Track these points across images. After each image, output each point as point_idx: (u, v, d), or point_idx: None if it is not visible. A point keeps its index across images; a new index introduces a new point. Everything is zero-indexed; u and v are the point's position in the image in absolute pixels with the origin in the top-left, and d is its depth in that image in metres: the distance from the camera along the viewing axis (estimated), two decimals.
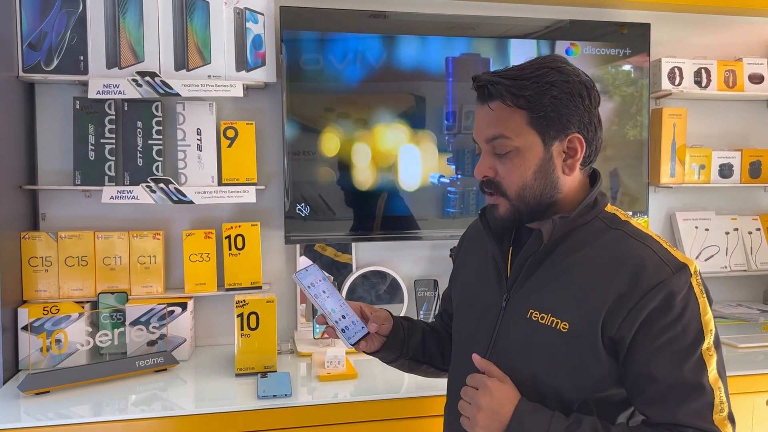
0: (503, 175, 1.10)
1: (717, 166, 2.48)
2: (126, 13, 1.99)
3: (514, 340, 1.13)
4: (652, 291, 1.00)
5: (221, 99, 2.14)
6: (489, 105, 1.09)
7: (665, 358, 1.00)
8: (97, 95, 1.93)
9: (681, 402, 0.99)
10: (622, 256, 1.05)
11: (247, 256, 2.09)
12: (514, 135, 1.08)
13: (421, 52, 2.16)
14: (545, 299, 1.09)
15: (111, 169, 2.02)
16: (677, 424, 1.00)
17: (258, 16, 2.08)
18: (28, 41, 1.93)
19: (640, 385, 1.03)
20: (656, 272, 1.01)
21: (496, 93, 1.08)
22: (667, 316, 1.00)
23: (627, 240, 1.08)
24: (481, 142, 1.12)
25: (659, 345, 1.00)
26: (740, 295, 2.61)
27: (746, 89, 2.44)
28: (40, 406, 1.61)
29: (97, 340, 1.91)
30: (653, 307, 1.00)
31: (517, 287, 1.14)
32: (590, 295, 1.04)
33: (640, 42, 2.34)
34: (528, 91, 1.06)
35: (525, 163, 1.08)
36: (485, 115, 1.10)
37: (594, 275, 1.05)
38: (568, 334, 1.05)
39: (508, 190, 1.10)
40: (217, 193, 2.03)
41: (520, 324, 1.12)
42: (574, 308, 1.06)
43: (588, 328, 1.04)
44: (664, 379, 1.00)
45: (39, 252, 1.97)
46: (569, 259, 1.09)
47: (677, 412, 0.99)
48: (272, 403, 1.63)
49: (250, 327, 1.87)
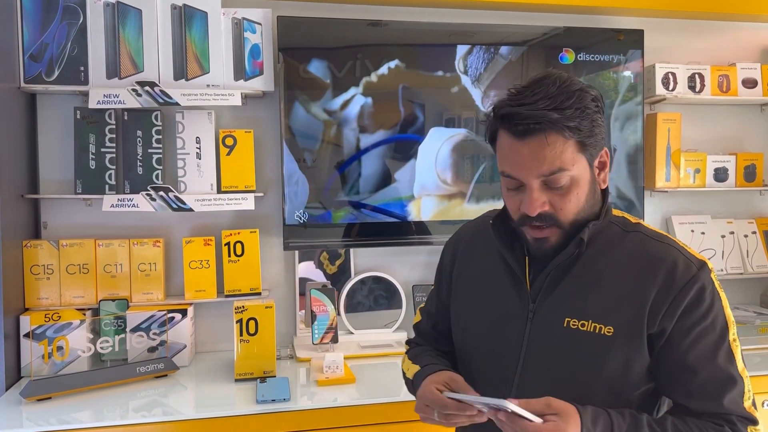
0: (560, 206, 1.08)
1: (712, 170, 2.49)
2: (126, 24, 2.02)
3: (552, 350, 1.12)
4: (686, 286, 1.06)
5: (220, 108, 2.16)
6: (539, 139, 1.04)
7: (701, 350, 1.06)
8: (97, 105, 1.96)
9: (721, 393, 1.05)
10: (653, 257, 1.10)
11: (246, 262, 2.12)
12: (570, 165, 1.06)
13: (419, 59, 2.19)
14: (582, 306, 1.10)
15: (111, 178, 2.04)
16: (720, 413, 1.06)
17: (256, 26, 2.11)
18: (30, 52, 1.96)
19: (679, 378, 1.08)
20: (686, 269, 1.08)
21: (547, 127, 1.03)
22: (700, 309, 1.06)
23: (650, 242, 1.12)
24: (532, 178, 1.06)
25: (694, 337, 1.06)
26: (737, 298, 2.62)
27: (740, 94, 2.46)
28: (42, 412, 1.63)
29: (98, 347, 1.93)
30: (688, 301, 1.06)
31: (544, 296, 1.14)
32: (630, 298, 1.08)
33: (634, 48, 2.36)
34: (576, 119, 1.05)
35: (580, 190, 1.09)
36: (536, 151, 1.04)
37: (629, 278, 1.09)
38: (613, 337, 1.08)
39: (564, 220, 1.09)
40: (217, 200, 2.06)
41: (557, 333, 1.11)
42: (615, 312, 1.08)
43: (633, 329, 1.07)
44: (702, 370, 1.06)
45: (41, 260, 1.99)
46: (598, 264, 1.12)
47: (719, 402, 1.05)
48: (271, 408, 1.65)
49: (249, 333, 1.89)
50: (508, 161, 1.09)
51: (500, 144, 1.11)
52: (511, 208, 1.13)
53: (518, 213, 1.11)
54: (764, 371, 1.91)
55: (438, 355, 1.31)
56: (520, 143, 1.06)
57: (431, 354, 1.31)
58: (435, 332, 1.37)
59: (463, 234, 1.35)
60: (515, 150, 1.06)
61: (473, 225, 1.34)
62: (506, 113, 1.06)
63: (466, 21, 2.28)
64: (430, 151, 2.21)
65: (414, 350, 1.36)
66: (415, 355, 1.33)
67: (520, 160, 1.06)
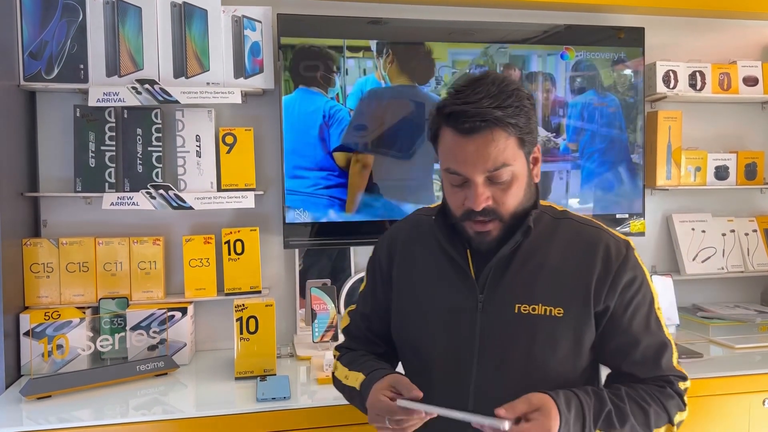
0: (502, 201, 1.14)
1: (713, 168, 2.49)
2: (125, 22, 2.01)
3: (506, 337, 1.16)
4: (621, 265, 1.18)
5: (220, 106, 2.16)
6: (485, 136, 1.09)
7: (638, 322, 1.19)
8: (97, 103, 1.96)
9: (659, 357, 1.20)
10: (589, 241, 1.20)
11: (246, 260, 2.11)
12: (512, 161, 1.12)
13: (420, 59, 2.19)
14: (530, 292, 1.17)
15: (111, 176, 2.04)
16: (659, 376, 1.19)
17: (256, 23, 2.11)
18: (29, 50, 1.96)
19: (624, 349, 1.19)
20: (618, 249, 1.19)
21: (492, 124, 1.08)
22: (635, 284, 1.19)
23: (582, 227, 1.23)
24: (477, 174, 1.11)
25: (633, 310, 1.18)
26: (737, 297, 2.62)
27: (741, 92, 2.46)
28: (42, 411, 1.63)
29: (98, 345, 1.93)
30: (626, 278, 1.18)
31: (491, 287, 1.18)
32: (575, 280, 1.17)
33: (635, 46, 2.36)
34: (516, 116, 1.10)
35: (520, 184, 1.15)
36: (482, 147, 1.09)
37: (571, 262, 1.18)
38: (564, 318, 1.15)
39: (505, 214, 1.15)
40: (217, 198, 2.05)
41: (509, 320, 1.16)
42: (563, 294, 1.16)
43: (581, 308, 1.16)
44: (642, 339, 1.19)
45: (40, 258, 1.99)
46: (539, 252, 1.19)
47: (658, 366, 1.20)
48: (271, 406, 1.65)
49: (250, 331, 1.89)
50: (453, 158, 1.13)
51: (444, 142, 1.15)
52: (454, 204, 1.17)
53: (462, 209, 1.15)
54: (765, 369, 1.91)
55: (376, 359, 1.31)
56: (465, 140, 1.10)
57: (370, 358, 1.31)
58: (370, 334, 1.36)
59: (397, 233, 1.35)
60: (461, 147, 1.11)
61: (406, 224, 1.37)
62: (452, 111, 1.10)
63: (467, 19, 2.28)
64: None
65: (347, 356, 1.35)
66: (350, 361, 1.32)
67: (466, 157, 1.10)
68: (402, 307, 1.29)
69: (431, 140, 1.20)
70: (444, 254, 1.23)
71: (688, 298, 2.55)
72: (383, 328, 1.34)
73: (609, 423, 1.12)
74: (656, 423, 1.16)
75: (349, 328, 1.40)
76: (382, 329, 1.34)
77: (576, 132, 2.31)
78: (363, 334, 1.37)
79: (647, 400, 1.16)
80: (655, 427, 1.16)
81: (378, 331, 1.35)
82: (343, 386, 1.30)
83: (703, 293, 2.58)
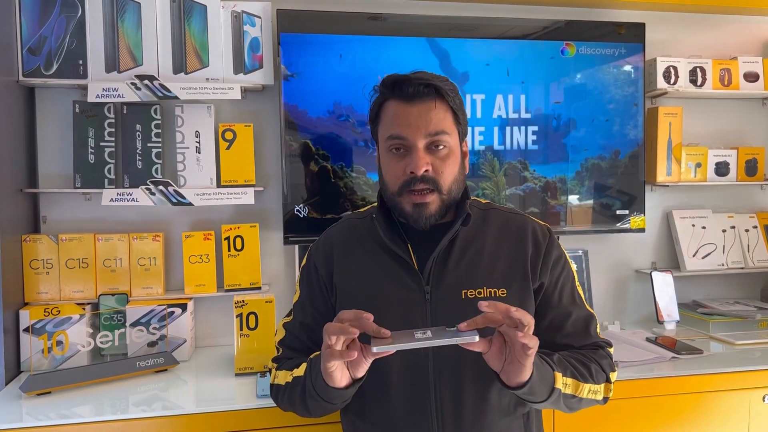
0: (441, 170, 1.21)
1: (713, 164, 2.49)
2: (124, 18, 2.01)
3: (458, 323, 1.14)
4: (548, 246, 1.30)
5: (219, 101, 2.16)
6: (428, 103, 1.19)
7: (566, 296, 1.31)
8: (96, 99, 1.95)
9: (588, 327, 1.32)
10: (518, 227, 1.31)
11: (246, 257, 2.11)
12: (450, 131, 1.22)
13: (419, 54, 2.18)
14: (473, 277, 1.24)
15: (111, 172, 2.04)
16: (590, 344, 1.31)
17: (255, 19, 2.10)
18: (28, 46, 1.95)
19: (558, 322, 1.29)
20: (543, 231, 1.32)
21: (433, 92, 1.20)
22: (560, 261, 1.31)
23: (508, 215, 1.34)
24: (420, 137, 1.19)
25: (561, 286, 1.30)
26: (737, 293, 2.62)
27: (741, 87, 2.45)
28: (41, 407, 1.63)
29: (98, 342, 1.93)
30: (553, 257, 1.30)
31: (436, 276, 1.23)
32: (512, 262, 1.27)
33: (635, 42, 2.35)
34: (454, 95, 1.23)
35: (454, 160, 1.24)
36: (426, 112, 1.19)
37: (506, 246, 1.28)
38: (508, 297, 1.23)
39: (443, 185, 1.22)
40: (216, 194, 2.05)
41: (457, 306, 1.21)
42: (503, 276, 1.25)
43: (521, 286, 1.26)
44: (573, 312, 1.30)
45: (40, 254, 1.99)
46: (475, 240, 1.27)
47: (588, 334, 1.31)
48: (271, 402, 1.63)
49: (250, 327, 1.89)
50: (397, 124, 1.21)
51: (386, 113, 1.24)
52: (394, 176, 1.22)
53: (402, 177, 1.21)
54: (765, 366, 1.91)
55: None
56: (410, 106, 1.20)
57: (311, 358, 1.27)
58: (311, 344, 1.32)
59: (331, 239, 1.36)
60: (406, 112, 1.20)
61: (339, 228, 1.38)
62: (397, 80, 1.21)
63: (467, 14, 2.27)
64: None
65: (288, 363, 1.32)
66: (293, 365, 1.28)
67: (410, 120, 1.19)
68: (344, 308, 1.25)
69: (372, 120, 1.29)
70: (386, 251, 1.26)
71: (688, 295, 2.55)
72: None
73: (564, 366, 1.20)
74: (597, 378, 1.25)
75: (286, 341, 1.37)
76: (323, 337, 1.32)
77: (577, 126, 2.30)
78: (304, 345, 1.33)
79: (587, 358, 1.26)
80: (597, 381, 1.25)
81: (319, 340, 1.27)
82: (288, 385, 1.26)
83: (703, 289, 2.58)
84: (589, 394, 1.23)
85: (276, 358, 1.39)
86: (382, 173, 1.28)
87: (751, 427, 1.91)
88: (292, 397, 1.27)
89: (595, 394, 1.25)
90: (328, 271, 1.32)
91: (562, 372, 1.19)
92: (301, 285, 1.38)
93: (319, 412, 1.25)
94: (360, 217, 1.38)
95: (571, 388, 1.20)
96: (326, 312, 1.32)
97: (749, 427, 1.91)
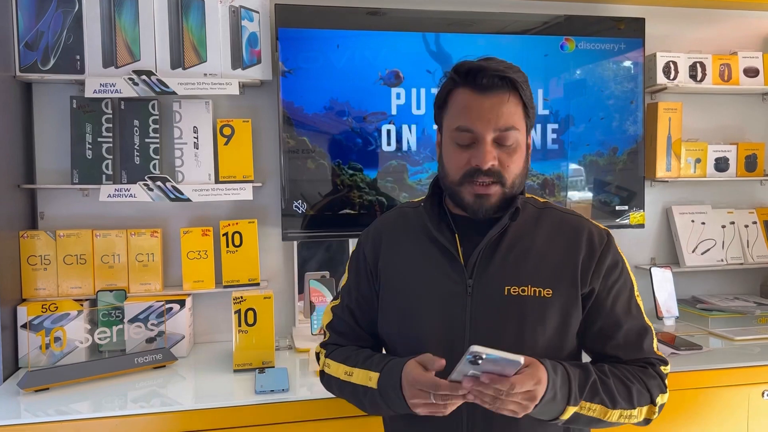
0: (507, 164, 1.18)
1: (713, 159, 2.48)
2: (122, 12, 1.99)
3: (496, 319, 1.18)
4: (604, 251, 1.23)
5: (217, 97, 2.15)
6: (500, 96, 1.15)
7: (621, 305, 1.24)
8: (93, 94, 1.94)
9: (641, 340, 1.24)
10: (573, 228, 1.25)
11: (244, 253, 2.10)
12: (519, 126, 1.18)
13: (417, 50, 2.17)
14: (519, 274, 1.20)
15: (108, 168, 2.03)
16: (641, 358, 1.24)
17: (253, 14, 2.09)
18: (25, 41, 1.94)
19: (608, 331, 1.23)
20: (600, 235, 1.25)
21: (508, 84, 1.15)
22: (616, 268, 1.25)
23: (565, 216, 1.28)
24: (489, 131, 1.15)
25: (615, 294, 1.24)
26: (737, 289, 2.62)
27: (741, 83, 2.45)
28: (39, 403, 1.62)
29: (96, 338, 1.92)
30: (608, 263, 1.23)
31: (480, 270, 1.21)
32: (562, 263, 1.21)
33: (635, 37, 2.34)
34: (526, 87, 1.18)
35: (521, 155, 1.20)
36: (498, 105, 1.15)
37: (557, 246, 1.23)
38: (553, 298, 1.19)
39: (508, 179, 1.18)
40: (214, 190, 2.04)
41: (498, 302, 1.19)
42: (551, 276, 1.20)
43: (569, 289, 1.20)
44: (624, 323, 1.23)
45: (38, 251, 1.98)
46: (525, 237, 1.23)
47: (640, 348, 1.24)
48: (270, 398, 1.64)
49: (248, 323, 1.88)
50: (466, 115, 1.16)
51: (456, 101, 1.19)
52: (457, 165, 1.19)
53: (464, 169, 1.17)
54: (764, 361, 1.91)
55: (372, 352, 1.29)
56: (482, 97, 1.15)
57: (367, 352, 1.28)
58: (357, 328, 1.34)
59: (381, 226, 1.36)
60: (477, 103, 1.15)
61: (390, 216, 1.38)
62: (471, 68, 1.16)
63: (467, 9, 2.26)
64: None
65: (339, 352, 1.32)
66: (346, 357, 1.29)
67: (481, 113, 1.15)
68: (390, 298, 1.29)
69: (438, 107, 1.24)
70: (431, 241, 1.25)
71: (688, 290, 2.54)
72: (369, 321, 1.33)
73: (594, 392, 1.15)
74: (639, 401, 1.18)
75: (333, 324, 1.38)
76: (368, 323, 1.34)
77: (575, 122, 2.30)
78: (350, 329, 1.35)
79: (630, 378, 1.19)
80: (637, 404, 1.18)
81: (364, 324, 1.34)
82: (344, 383, 1.28)
83: (702, 285, 2.58)
84: (621, 419, 1.18)
85: (324, 343, 1.40)
86: (443, 161, 1.24)
87: (751, 423, 1.91)
88: (349, 393, 1.29)
89: (629, 418, 1.19)
90: (374, 258, 1.32)
91: (590, 398, 1.14)
92: (349, 270, 1.40)
93: (377, 414, 1.31)
94: (412, 206, 1.35)
95: (597, 412, 1.15)
96: (370, 297, 1.33)
97: (748, 422, 1.91)
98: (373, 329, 1.34)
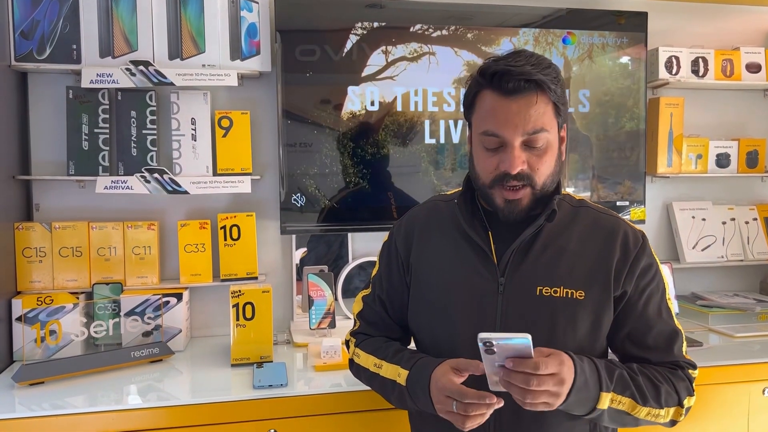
0: (537, 167, 1.15)
1: (714, 155, 2.47)
2: (119, 2, 1.97)
3: (527, 318, 1.17)
4: (638, 253, 1.22)
5: (216, 88, 2.12)
6: (528, 98, 1.11)
7: (652, 308, 1.23)
8: (90, 84, 1.92)
9: (671, 344, 1.24)
10: (608, 229, 1.23)
11: (242, 246, 2.09)
12: (549, 127, 1.14)
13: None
14: (552, 274, 1.19)
15: (105, 159, 2.01)
16: (670, 361, 1.23)
17: (252, 4, 2.07)
18: (20, 30, 1.91)
19: (638, 334, 1.23)
20: (635, 237, 1.23)
21: (535, 86, 1.11)
22: (650, 271, 1.23)
23: (600, 215, 1.26)
24: (517, 136, 1.12)
25: (647, 297, 1.22)
26: (737, 285, 2.61)
27: (744, 78, 2.43)
28: (34, 397, 1.60)
29: (92, 331, 1.91)
30: (642, 265, 1.22)
31: (513, 268, 1.20)
32: (595, 264, 1.20)
33: (638, 31, 2.32)
34: (555, 84, 1.13)
35: (552, 154, 1.17)
36: (525, 109, 1.11)
37: (591, 247, 1.21)
38: (585, 300, 1.18)
39: (538, 181, 1.16)
40: (212, 183, 2.02)
41: (530, 301, 1.18)
42: (583, 278, 1.19)
43: (602, 291, 1.19)
44: (655, 325, 1.23)
45: (33, 242, 1.96)
46: (560, 237, 1.22)
47: (670, 351, 1.24)
48: (268, 393, 1.63)
49: (246, 317, 1.87)
50: (493, 119, 1.13)
51: (482, 104, 1.16)
52: (486, 170, 1.17)
53: (494, 173, 1.16)
54: (764, 359, 1.90)
55: (401, 346, 1.30)
56: (508, 101, 1.11)
57: (397, 346, 1.30)
58: (387, 318, 1.36)
59: (414, 218, 1.35)
60: (504, 107, 1.12)
61: (423, 209, 1.37)
62: (497, 71, 1.11)
63: (467, 2, 2.24)
64: None
65: (368, 343, 1.33)
66: (376, 349, 1.30)
67: (508, 118, 1.11)
68: (420, 292, 1.28)
69: (466, 107, 1.21)
70: (464, 237, 1.24)
71: (688, 287, 2.54)
72: (399, 313, 1.34)
73: (624, 386, 1.14)
74: (666, 401, 1.18)
75: (364, 313, 1.39)
76: (398, 314, 1.34)
77: (578, 118, 2.28)
78: (380, 319, 1.36)
79: (659, 378, 1.19)
80: (665, 404, 1.18)
81: (394, 315, 1.35)
82: (373, 375, 1.28)
83: (702, 282, 2.57)
84: (648, 416, 1.17)
85: (354, 332, 1.40)
86: (473, 162, 1.22)
87: (751, 420, 1.90)
88: (377, 385, 1.29)
89: (657, 417, 1.18)
90: (406, 251, 1.32)
91: (620, 390, 1.14)
92: (380, 260, 1.39)
93: (404, 408, 1.30)
94: (445, 199, 1.34)
95: (627, 406, 1.15)
96: (401, 289, 1.33)
97: (749, 419, 1.90)
98: (403, 321, 1.34)
